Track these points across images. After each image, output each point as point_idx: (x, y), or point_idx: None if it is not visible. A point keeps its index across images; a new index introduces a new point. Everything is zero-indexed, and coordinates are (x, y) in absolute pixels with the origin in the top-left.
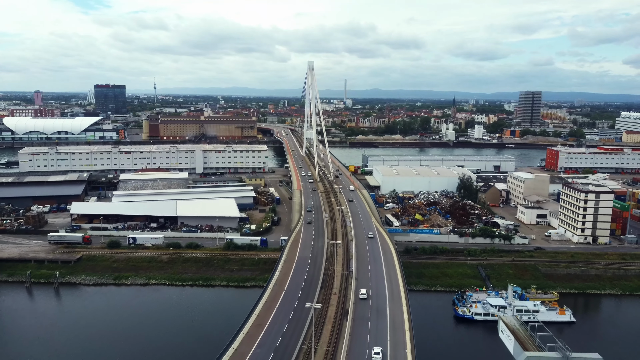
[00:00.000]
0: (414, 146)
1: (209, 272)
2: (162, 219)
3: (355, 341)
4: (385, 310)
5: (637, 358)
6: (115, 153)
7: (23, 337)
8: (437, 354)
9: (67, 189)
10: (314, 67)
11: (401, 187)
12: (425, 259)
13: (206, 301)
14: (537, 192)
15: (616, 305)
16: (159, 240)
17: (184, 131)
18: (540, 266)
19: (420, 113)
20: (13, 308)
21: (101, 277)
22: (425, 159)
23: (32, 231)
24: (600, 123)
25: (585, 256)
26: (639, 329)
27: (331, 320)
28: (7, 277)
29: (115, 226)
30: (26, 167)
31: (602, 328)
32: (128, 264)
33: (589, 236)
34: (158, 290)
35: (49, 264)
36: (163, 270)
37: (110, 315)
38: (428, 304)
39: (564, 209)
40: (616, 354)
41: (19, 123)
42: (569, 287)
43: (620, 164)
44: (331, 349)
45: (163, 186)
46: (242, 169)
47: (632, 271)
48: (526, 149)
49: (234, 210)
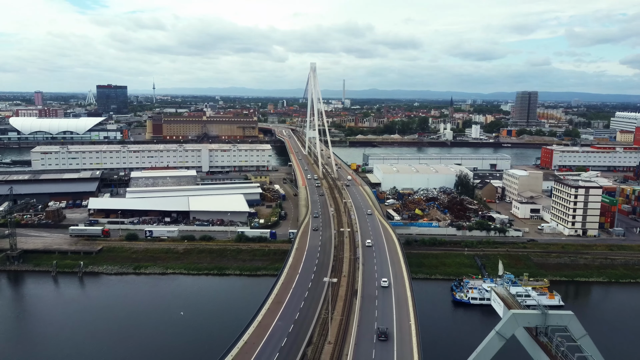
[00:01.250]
0: (412, 146)
1: (222, 262)
2: (175, 214)
3: (364, 313)
4: (391, 290)
5: (619, 336)
6: (123, 152)
7: (51, 321)
8: (437, 333)
9: (82, 186)
10: (315, 69)
11: (401, 184)
12: (425, 250)
13: (221, 289)
14: (531, 188)
15: (603, 292)
16: (174, 233)
17: (187, 131)
18: (533, 256)
19: (418, 113)
20: (41, 295)
21: (122, 266)
22: (424, 158)
23: (52, 225)
24: (596, 123)
25: (575, 247)
26: (622, 312)
27: (342, 298)
28: (34, 267)
29: (130, 221)
30: (38, 166)
31: (589, 311)
32: (146, 254)
33: (579, 229)
34: (175, 279)
35: (72, 255)
36: (179, 261)
37: (132, 302)
38: (428, 291)
39: (555, 203)
40: (600, 333)
41: (24, 123)
42: (559, 275)
43: (613, 162)
44: (344, 318)
45: (172, 183)
46: (246, 167)
47: (618, 260)
48: (522, 148)
49: (243, 206)
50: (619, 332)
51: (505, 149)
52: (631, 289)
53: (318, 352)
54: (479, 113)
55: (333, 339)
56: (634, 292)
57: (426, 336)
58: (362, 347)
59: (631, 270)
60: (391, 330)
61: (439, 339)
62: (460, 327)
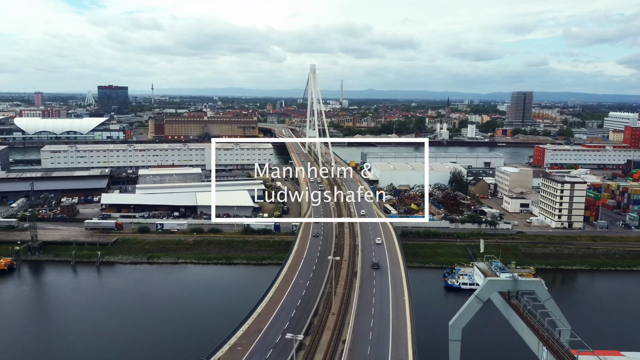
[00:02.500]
0: (409, 145)
1: (230, 252)
2: (183, 209)
3: (363, 291)
4: (387, 271)
5: (597, 315)
6: (130, 151)
7: (73, 305)
8: (430, 313)
9: (93, 183)
10: (315, 70)
11: (398, 181)
12: (420, 241)
13: (230, 276)
14: (522, 184)
15: (584, 278)
16: (183, 226)
17: (188, 131)
18: (520, 246)
19: (416, 113)
20: (62, 283)
21: (136, 257)
22: (420, 157)
23: (67, 219)
24: (590, 123)
25: (560, 238)
26: (601, 296)
27: (344, 278)
28: (54, 257)
29: (141, 215)
30: (47, 164)
31: (570, 295)
32: (158, 245)
33: (565, 222)
34: (186, 268)
35: (88, 246)
36: (190, 251)
37: (147, 288)
38: (422, 277)
39: (543, 198)
40: (580, 314)
41: (29, 123)
42: (545, 263)
43: (603, 161)
44: (346, 292)
45: (179, 180)
46: (248, 165)
47: (600, 250)
48: (517, 147)
49: (248, 200)
50: (597, 312)
51: (500, 148)
52: (611, 276)
53: (323, 321)
54: (475, 113)
55: (336, 311)
56: (613, 279)
57: (419, 313)
58: (361, 318)
59: (612, 259)
60: (387, 297)
61: (431, 316)
62: (451, 307)
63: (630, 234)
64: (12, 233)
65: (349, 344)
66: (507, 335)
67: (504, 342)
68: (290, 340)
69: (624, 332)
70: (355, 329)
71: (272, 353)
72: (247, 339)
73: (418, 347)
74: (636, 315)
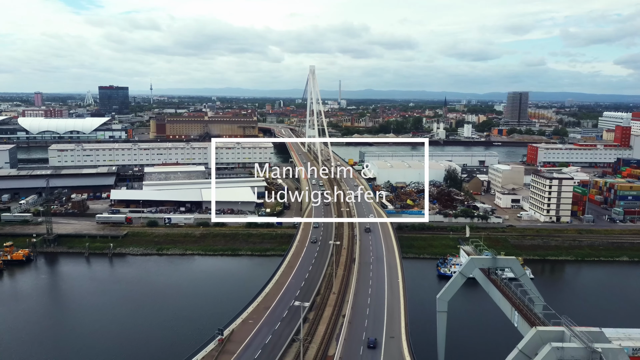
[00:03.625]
0: (406, 145)
1: (235, 244)
2: (189, 204)
3: (361, 275)
4: (383, 258)
5: (579, 299)
6: (134, 149)
7: (88, 294)
8: (423, 299)
9: (100, 180)
10: (315, 71)
11: (394, 178)
12: (415, 234)
13: (236, 266)
14: (514, 181)
15: (569, 268)
16: (190, 220)
17: (189, 130)
18: (510, 239)
19: (413, 113)
20: (77, 272)
21: (146, 248)
22: (417, 155)
23: (77, 214)
24: (585, 122)
25: (548, 231)
26: (584, 283)
27: (343, 264)
28: (68, 249)
29: (149, 210)
30: (55, 162)
31: (556, 282)
32: (167, 238)
33: (553, 216)
34: (194, 259)
35: (100, 239)
36: (197, 243)
37: (158, 277)
38: (417, 267)
39: (533, 194)
40: (564, 299)
41: (32, 123)
42: (533, 254)
43: (594, 159)
44: (346, 273)
45: (183, 177)
46: (249, 163)
47: (585, 242)
48: (512, 147)
49: (251, 196)
50: (580, 297)
51: (495, 148)
52: (594, 266)
53: (325, 299)
54: (472, 113)
55: (336, 290)
56: (596, 268)
57: (413, 297)
58: (359, 296)
59: (596, 250)
60: (382, 279)
61: (424, 301)
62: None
63: (615, 227)
64: (27, 227)
65: (349, 317)
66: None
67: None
68: (297, 313)
69: (605, 313)
70: (354, 305)
71: (280, 325)
72: (257, 314)
73: (410, 322)
74: (616, 300)
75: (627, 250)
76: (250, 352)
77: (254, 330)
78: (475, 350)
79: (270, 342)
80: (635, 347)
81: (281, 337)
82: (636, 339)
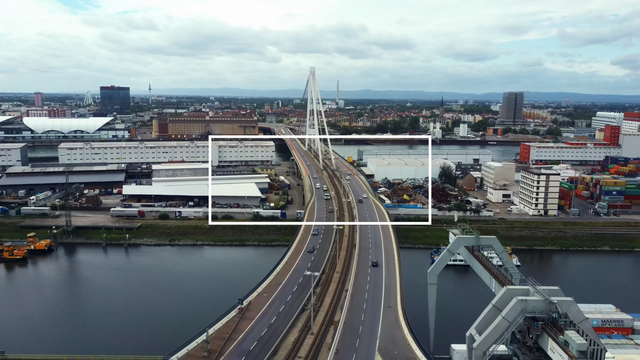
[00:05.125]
0: (403, 143)
1: (243, 236)
2: (197, 199)
3: (361, 258)
4: (381, 244)
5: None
6: (141, 148)
7: (107, 280)
8: (418, 284)
9: (111, 177)
10: (315, 72)
11: (392, 175)
12: (411, 226)
13: (244, 255)
14: (505, 177)
15: (554, 257)
16: (199, 213)
17: (191, 130)
18: (500, 230)
19: (410, 113)
20: (96, 261)
21: (159, 239)
22: (413, 154)
23: (92, 208)
24: (579, 122)
25: (536, 224)
26: (568, 270)
27: (345, 249)
28: (86, 240)
29: (159, 205)
30: (64, 160)
31: (540, 269)
32: (178, 230)
33: (541, 209)
34: (205, 249)
35: (116, 230)
36: (207, 235)
37: (172, 265)
38: (413, 256)
39: (522, 189)
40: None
41: (37, 123)
42: (520, 244)
43: (584, 157)
44: (347, 255)
45: (190, 174)
46: (252, 161)
47: (570, 233)
48: (507, 146)
49: (256, 192)
50: (561, 280)
51: (490, 146)
52: (578, 255)
53: (330, 277)
54: (468, 113)
55: (340, 269)
56: (580, 257)
57: (407, 281)
58: (360, 275)
59: (580, 240)
60: (380, 263)
61: (419, 287)
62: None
63: (599, 220)
64: (46, 219)
65: (351, 291)
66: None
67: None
68: (306, 287)
69: (582, 293)
70: (355, 282)
71: (291, 297)
72: (270, 289)
73: (406, 304)
74: (594, 282)
75: (609, 241)
76: (267, 318)
77: (269, 302)
78: (459, 317)
79: (284, 310)
80: (603, 319)
81: (292, 306)
82: (605, 312)
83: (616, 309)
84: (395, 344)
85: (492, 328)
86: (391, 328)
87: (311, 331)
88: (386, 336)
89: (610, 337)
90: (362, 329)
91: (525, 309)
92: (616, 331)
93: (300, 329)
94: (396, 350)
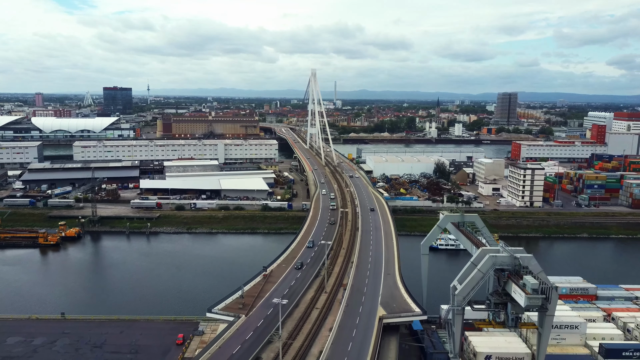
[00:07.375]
0: (400, 142)
1: (253, 224)
2: (209, 192)
3: (364, 239)
4: (381, 227)
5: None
6: (151, 146)
7: (137, 262)
8: (413, 265)
9: (127, 172)
10: (316, 74)
11: (389, 171)
12: (408, 216)
13: (255, 242)
14: (495, 173)
15: (538, 242)
16: (213, 205)
17: (194, 129)
18: (489, 219)
19: (407, 113)
20: (121, 247)
21: (177, 228)
22: (410, 152)
23: (112, 201)
24: (572, 122)
25: (522, 214)
26: (549, 253)
27: (348, 232)
28: (110, 229)
29: (174, 198)
30: (79, 157)
31: None
32: (194, 219)
33: (527, 201)
34: (219, 237)
35: (137, 220)
36: (220, 224)
37: (192, 249)
38: (409, 241)
39: (510, 182)
40: None
41: (45, 122)
42: (507, 232)
43: (572, 154)
44: (352, 235)
45: (199, 170)
46: (256, 159)
47: (552, 222)
48: (500, 144)
49: (263, 185)
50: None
51: (484, 145)
52: (558, 241)
53: (337, 252)
54: (464, 113)
55: (345, 246)
56: (560, 243)
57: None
58: (363, 251)
59: (561, 228)
60: (380, 241)
61: (415, 268)
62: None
63: (580, 210)
64: (71, 211)
65: (356, 263)
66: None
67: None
68: (319, 258)
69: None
70: (360, 256)
71: (307, 267)
72: (287, 261)
73: (402, 270)
74: (570, 261)
75: (587, 229)
76: (287, 282)
77: (287, 270)
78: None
79: (301, 276)
80: (571, 287)
81: (308, 273)
82: (573, 282)
83: (583, 280)
84: (394, 299)
85: (469, 278)
86: (391, 289)
87: (325, 290)
88: (386, 294)
89: (577, 302)
90: (366, 289)
91: (495, 262)
92: (582, 297)
93: (316, 289)
94: (395, 304)
